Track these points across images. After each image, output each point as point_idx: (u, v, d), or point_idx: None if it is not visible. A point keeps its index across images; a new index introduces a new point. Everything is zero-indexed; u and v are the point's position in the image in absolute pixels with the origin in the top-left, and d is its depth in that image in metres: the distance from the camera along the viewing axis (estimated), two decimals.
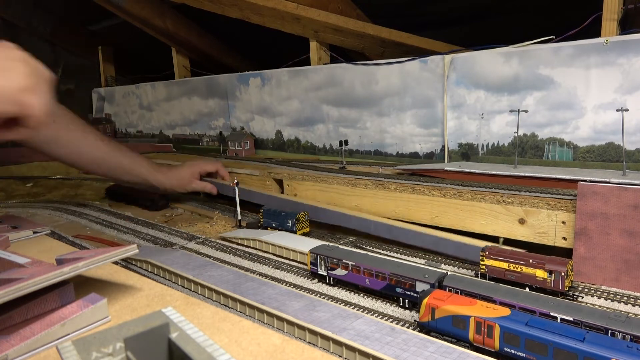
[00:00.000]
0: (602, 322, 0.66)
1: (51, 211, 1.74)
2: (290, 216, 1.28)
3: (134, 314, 0.63)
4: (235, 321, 0.59)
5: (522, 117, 1.26)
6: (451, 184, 1.23)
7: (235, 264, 1.11)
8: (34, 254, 0.74)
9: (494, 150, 1.33)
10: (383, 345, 0.64)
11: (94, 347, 0.40)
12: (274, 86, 1.89)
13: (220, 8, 1.85)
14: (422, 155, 1.51)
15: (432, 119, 1.45)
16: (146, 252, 1.14)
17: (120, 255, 0.66)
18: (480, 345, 0.68)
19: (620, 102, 1.10)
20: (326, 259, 0.96)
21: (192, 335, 0.41)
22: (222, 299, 0.88)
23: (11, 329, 0.54)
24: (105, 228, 1.48)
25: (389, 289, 0.87)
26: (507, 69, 1.26)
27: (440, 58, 1.39)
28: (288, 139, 1.92)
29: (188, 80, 2.36)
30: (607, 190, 0.89)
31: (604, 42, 1.09)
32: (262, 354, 0.52)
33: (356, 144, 1.68)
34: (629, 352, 0.56)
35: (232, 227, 1.42)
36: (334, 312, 0.75)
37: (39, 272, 0.58)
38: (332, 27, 1.67)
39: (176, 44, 2.43)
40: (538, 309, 0.72)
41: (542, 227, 1.02)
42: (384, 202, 1.31)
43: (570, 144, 1.20)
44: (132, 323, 0.41)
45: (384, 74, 1.55)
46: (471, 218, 1.13)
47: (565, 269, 0.83)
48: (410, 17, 1.85)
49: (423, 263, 1.06)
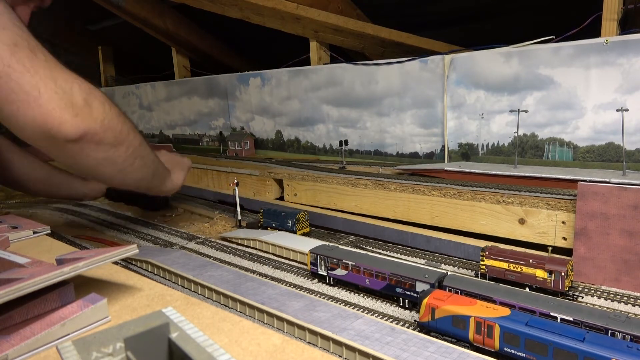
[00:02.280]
0: (602, 322, 0.66)
1: (51, 211, 1.74)
2: (290, 216, 1.28)
3: (134, 314, 0.63)
4: (235, 321, 0.59)
5: (522, 117, 1.26)
6: (451, 184, 1.23)
7: (235, 264, 1.11)
8: (34, 254, 0.74)
9: (494, 150, 1.33)
10: (383, 345, 0.64)
11: (94, 347, 0.40)
12: (274, 86, 1.89)
13: (220, 8, 1.85)
14: (422, 155, 1.50)
15: (432, 119, 1.45)
16: (146, 252, 1.14)
17: (120, 255, 0.66)
18: (480, 345, 0.68)
19: (620, 102, 1.10)
20: (326, 259, 0.96)
21: (192, 335, 0.41)
22: (222, 299, 0.88)
23: (11, 329, 0.54)
24: (105, 228, 1.48)
25: (389, 289, 0.87)
26: (507, 69, 1.26)
27: (440, 58, 1.39)
28: (288, 139, 1.92)
29: (188, 80, 2.36)
30: (607, 190, 0.89)
31: (604, 42, 1.09)
32: (262, 354, 0.52)
33: (356, 144, 1.68)
34: (629, 352, 0.56)
35: (232, 227, 1.42)
36: (334, 312, 0.75)
37: (39, 272, 0.58)
38: (332, 27, 1.67)
39: (176, 44, 2.43)
40: (538, 309, 0.72)
41: (542, 227, 1.02)
42: (384, 202, 1.31)
43: (570, 144, 1.20)
44: (132, 323, 0.41)
45: (384, 74, 1.54)
46: (471, 218, 1.13)
47: (565, 269, 0.83)
48: (410, 17, 1.84)
49: (423, 263, 1.06)
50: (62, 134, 0.79)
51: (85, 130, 0.82)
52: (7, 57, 0.73)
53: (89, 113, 0.82)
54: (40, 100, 0.76)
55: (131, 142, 0.95)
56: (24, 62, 0.75)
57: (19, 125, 0.79)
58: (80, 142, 0.83)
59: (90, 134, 0.83)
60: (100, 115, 0.84)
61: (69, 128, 0.79)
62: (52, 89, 0.76)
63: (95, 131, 0.84)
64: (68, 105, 0.78)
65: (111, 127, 0.88)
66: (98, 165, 0.92)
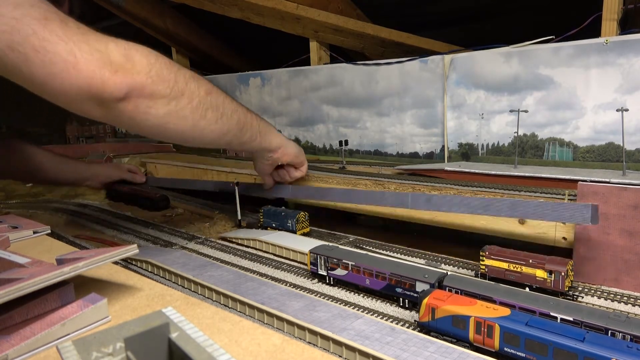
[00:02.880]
0: (602, 322, 0.66)
1: (51, 211, 1.74)
2: (290, 216, 1.28)
3: (134, 314, 0.63)
4: (235, 321, 0.59)
5: (522, 117, 1.26)
6: (451, 184, 1.23)
7: (235, 264, 1.11)
8: (34, 254, 0.74)
9: (494, 150, 1.33)
10: (383, 345, 0.64)
11: (94, 347, 0.40)
12: (274, 86, 1.89)
13: (220, 8, 1.85)
14: (422, 155, 1.51)
15: (432, 119, 1.45)
16: (146, 252, 1.14)
17: (120, 255, 0.66)
18: (480, 345, 0.68)
19: (620, 102, 1.10)
20: (326, 259, 0.97)
21: (192, 335, 0.41)
22: (222, 299, 0.88)
23: (11, 329, 0.54)
24: (105, 228, 1.48)
25: (389, 289, 0.87)
26: (507, 69, 1.26)
27: (440, 58, 1.39)
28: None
29: None
30: (607, 190, 0.89)
31: (604, 42, 1.09)
32: (262, 354, 0.52)
33: (356, 144, 1.68)
34: (629, 352, 0.56)
35: (232, 227, 1.42)
36: (334, 312, 0.75)
37: (39, 272, 0.58)
38: (332, 27, 1.67)
39: (176, 44, 2.43)
40: (538, 309, 0.72)
41: (542, 227, 1.02)
42: None
43: (570, 144, 1.20)
44: (132, 323, 0.41)
45: (384, 74, 1.54)
46: (471, 218, 1.13)
47: (565, 269, 0.83)
48: (410, 17, 1.84)
49: (423, 263, 1.06)
50: (107, 94, 0.77)
51: (130, 84, 0.79)
52: (40, 31, 0.72)
53: (131, 67, 0.79)
54: (78, 65, 0.74)
55: (193, 91, 0.90)
56: (57, 32, 0.74)
57: (70, 98, 0.77)
58: (131, 98, 0.80)
59: (137, 88, 0.80)
60: (144, 67, 0.81)
61: (112, 85, 0.77)
62: (87, 51, 0.75)
63: (142, 84, 0.81)
64: (106, 63, 0.77)
65: (162, 77, 0.84)
66: (165, 123, 0.87)
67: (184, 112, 0.88)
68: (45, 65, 0.73)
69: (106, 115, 0.82)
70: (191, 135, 0.94)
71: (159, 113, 0.85)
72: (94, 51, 0.76)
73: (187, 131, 0.92)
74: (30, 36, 0.72)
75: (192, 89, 0.90)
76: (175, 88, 0.86)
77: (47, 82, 0.75)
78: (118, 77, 0.78)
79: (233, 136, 1.03)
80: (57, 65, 0.73)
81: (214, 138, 0.99)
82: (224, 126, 0.98)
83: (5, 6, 0.71)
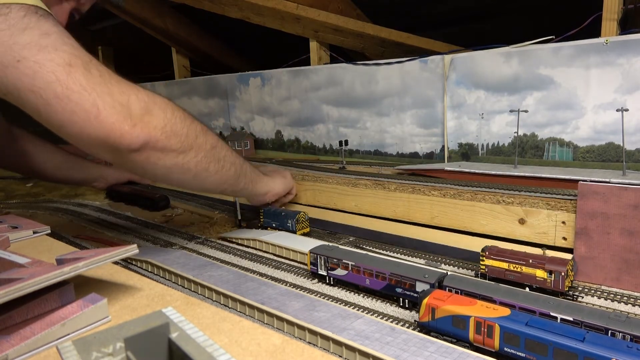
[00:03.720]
0: (602, 322, 0.66)
1: (51, 211, 1.74)
2: (290, 216, 1.28)
3: (134, 314, 0.63)
4: (235, 321, 0.59)
5: (522, 117, 1.26)
6: (451, 184, 1.23)
7: (235, 264, 1.11)
8: (34, 254, 0.74)
9: (494, 150, 1.33)
10: (383, 345, 0.64)
11: (94, 347, 0.40)
12: (274, 86, 1.89)
13: (220, 8, 1.85)
14: (422, 155, 1.51)
15: (432, 119, 1.45)
16: (146, 252, 1.14)
17: (120, 255, 0.66)
18: (480, 345, 0.68)
19: (620, 102, 1.10)
20: (326, 259, 0.96)
21: (192, 335, 0.41)
22: (222, 299, 0.88)
23: (11, 329, 0.54)
24: (105, 228, 1.48)
25: (389, 289, 0.87)
26: (507, 69, 1.26)
27: (440, 58, 1.39)
28: (288, 139, 1.92)
29: (188, 80, 2.36)
30: (607, 190, 0.89)
31: (604, 42, 1.09)
32: (262, 354, 0.52)
33: (356, 144, 1.68)
34: (629, 352, 0.56)
35: (232, 227, 1.42)
36: (334, 312, 0.75)
37: (39, 272, 0.58)
38: (332, 27, 1.67)
39: (176, 44, 2.43)
40: (538, 309, 0.72)
41: (542, 227, 1.02)
42: (384, 202, 1.31)
43: (570, 144, 1.20)
44: (132, 323, 0.41)
45: (384, 74, 1.55)
46: (471, 218, 1.13)
47: (565, 269, 0.83)
48: (410, 17, 1.85)
49: (423, 263, 1.06)
50: (124, 145, 0.80)
51: (146, 139, 0.82)
52: (64, 79, 0.74)
53: (148, 121, 0.83)
54: (100, 116, 0.77)
55: (201, 146, 0.94)
56: (81, 81, 0.75)
57: (85, 143, 0.80)
58: (144, 150, 0.84)
59: (152, 142, 0.84)
60: (160, 122, 0.85)
61: (129, 139, 0.80)
62: (109, 103, 0.77)
63: (156, 139, 0.84)
64: (127, 117, 0.79)
65: (175, 133, 0.87)
66: (170, 173, 0.92)
67: (188, 165, 0.94)
68: (66, 112, 0.75)
69: (116, 160, 0.87)
70: (191, 184, 1.00)
71: (167, 164, 0.90)
72: (116, 104, 0.78)
73: (189, 180, 0.98)
74: (53, 83, 0.73)
75: (200, 143, 0.94)
76: (185, 142, 0.91)
77: (66, 126, 0.77)
78: (135, 130, 0.81)
79: (229, 185, 1.10)
80: (78, 114, 0.75)
81: (212, 187, 1.06)
82: (222, 177, 1.04)
83: (29, 49, 0.72)
